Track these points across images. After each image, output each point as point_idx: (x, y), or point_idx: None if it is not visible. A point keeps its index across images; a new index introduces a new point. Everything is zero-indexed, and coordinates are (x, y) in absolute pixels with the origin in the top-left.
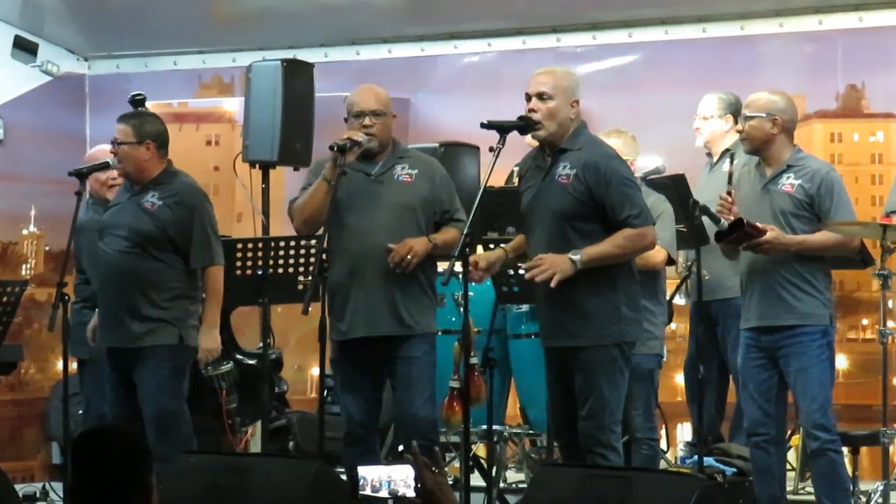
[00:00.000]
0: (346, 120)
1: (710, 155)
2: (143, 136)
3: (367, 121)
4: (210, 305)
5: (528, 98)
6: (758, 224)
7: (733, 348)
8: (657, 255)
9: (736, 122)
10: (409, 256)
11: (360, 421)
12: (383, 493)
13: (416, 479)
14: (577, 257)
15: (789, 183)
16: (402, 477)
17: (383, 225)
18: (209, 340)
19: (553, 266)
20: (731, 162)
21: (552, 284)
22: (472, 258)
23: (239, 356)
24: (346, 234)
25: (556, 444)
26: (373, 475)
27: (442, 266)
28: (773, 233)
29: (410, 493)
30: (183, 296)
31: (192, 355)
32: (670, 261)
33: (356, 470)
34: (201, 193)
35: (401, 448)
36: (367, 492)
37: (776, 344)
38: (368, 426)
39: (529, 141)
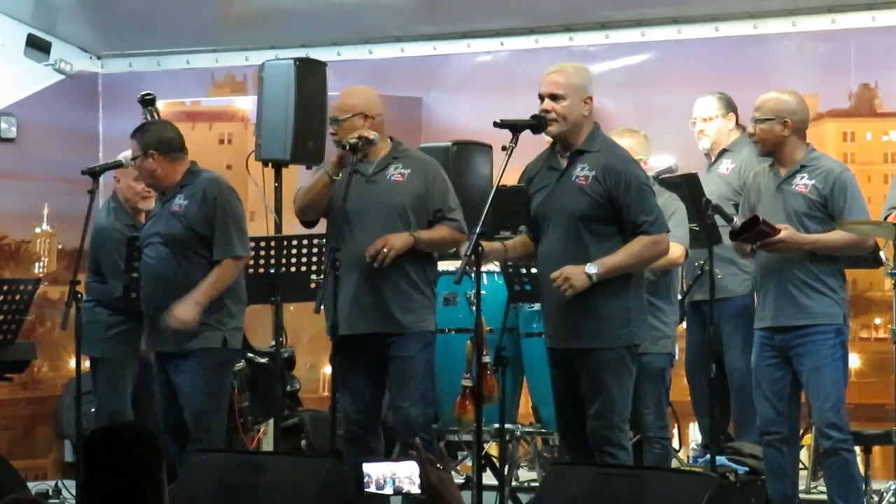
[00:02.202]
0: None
1: (708, 156)
2: (145, 148)
3: (330, 129)
4: (205, 284)
5: (542, 98)
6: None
7: (729, 348)
8: (675, 250)
9: (737, 120)
10: (384, 249)
11: (357, 420)
12: (387, 490)
13: (421, 476)
14: (593, 271)
15: (803, 183)
16: (406, 474)
17: (372, 225)
18: (184, 310)
19: (568, 281)
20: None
21: (566, 295)
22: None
23: (251, 354)
24: (343, 233)
25: (563, 444)
26: (377, 472)
27: (454, 265)
28: (786, 231)
29: (415, 490)
30: (224, 296)
31: (234, 357)
32: (687, 255)
33: (360, 467)
34: (224, 187)
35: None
36: (372, 489)
37: (789, 343)
38: (366, 425)
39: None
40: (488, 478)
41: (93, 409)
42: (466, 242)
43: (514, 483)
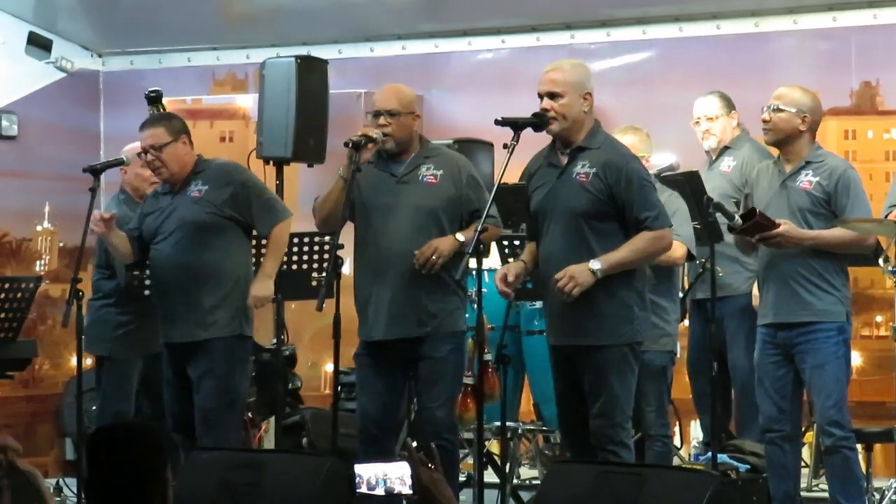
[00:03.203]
0: (367, 115)
1: (709, 153)
2: (177, 133)
3: (381, 120)
4: (269, 257)
5: (541, 97)
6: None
7: (732, 346)
8: (677, 250)
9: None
10: (434, 257)
11: (376, 421)
12: (379, 491)
13: (412, 476)
14: (597, 267)
15: (807, 180)
16: (398, 474)
17: (406, 227)
18: (261, 288)
19: (574, 280)
20: None
21: (568, 299)
22: (500, 272)
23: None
24: (370, 235)
25: (565, 442)
26: (369, 473)
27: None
28: (786, 226)
29: (407, 490)
30: (241, 283)
31: (250, 348)
32: (690, 256)
33: (351, 468)
34: (241, 167)
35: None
36: (364, 489)
37: (792, 340)
38: (384, 426)
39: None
40: (489, 476)
41: (94, 407)
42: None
43: (515, 481)
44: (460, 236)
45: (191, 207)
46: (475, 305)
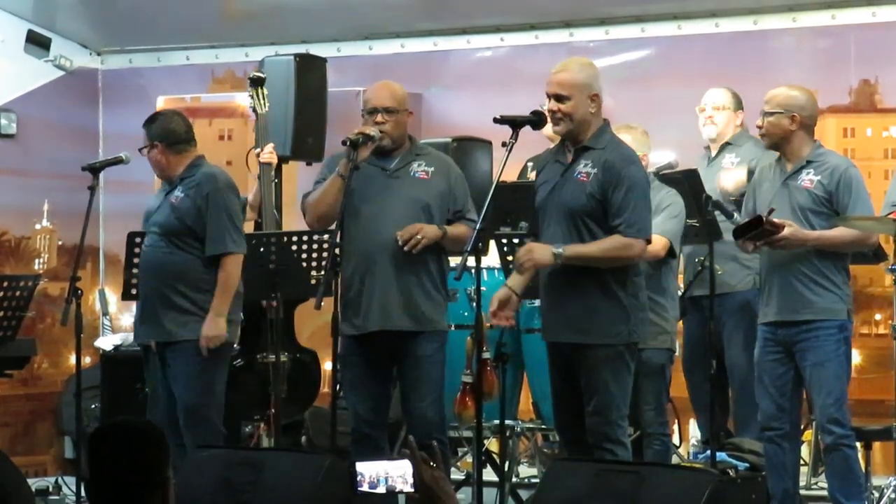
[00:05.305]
0: (362, 115)
1: (708, 148)
2: (151, 139)
3: (379, 117)
4: (218, 294)
5: (549, 98)
6: (775, 220)
7: (730, 345)
8: (657, 243)
9: (742, 120)
10: (418, 236)
11: (367, 419)
12: (381, 489)
13: (414, 474)
14: (559, 251)
15: (809, 179)
16: (399, 472)
17: (398, 218)
18: (211, 328)
19: (531, 254)
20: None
21: (518, 271)
22: (496, 299)
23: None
24: (361, 228)
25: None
26: (370, 471)
27: (454, 261)
28: (790, 229)
29: (408, 489)
30: (214, 288)
31: (227, 349)
32: (672, 252)
33: (353, 466)
34: (220, 182)
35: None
36: (365, 488)
37: (793, 338)
38: (376, 424)
39: (549, 134)
40: (489, 474)
41: (93, 406)
42: None
43: (514, 479)
44: (445, 228)
45: (167, 212)
46: (474, 304)
